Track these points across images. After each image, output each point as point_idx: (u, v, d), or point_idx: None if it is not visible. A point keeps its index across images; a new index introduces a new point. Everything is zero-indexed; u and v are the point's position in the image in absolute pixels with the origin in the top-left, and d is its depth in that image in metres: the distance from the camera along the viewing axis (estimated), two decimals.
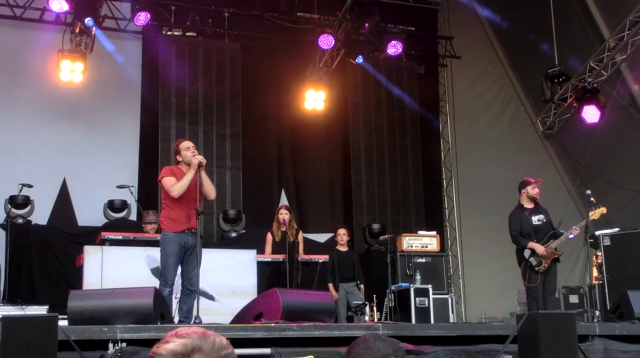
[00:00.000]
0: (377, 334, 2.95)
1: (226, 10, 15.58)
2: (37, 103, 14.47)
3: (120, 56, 14.83)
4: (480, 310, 16.20)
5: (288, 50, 16.36)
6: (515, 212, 10.70)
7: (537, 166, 16.92)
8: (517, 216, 10.63)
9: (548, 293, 10.41)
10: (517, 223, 10.55)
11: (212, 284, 10.50)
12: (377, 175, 16.59)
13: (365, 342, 2.87)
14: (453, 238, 17.15)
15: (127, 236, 11.00)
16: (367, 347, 2.84)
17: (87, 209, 14.20)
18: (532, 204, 10.66)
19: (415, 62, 17.34)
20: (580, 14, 15.76)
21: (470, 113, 17.75)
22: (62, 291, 11.46)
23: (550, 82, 15.47)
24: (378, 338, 2.88)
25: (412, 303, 12.84)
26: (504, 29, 17.35)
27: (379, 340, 2.87)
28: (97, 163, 14.53)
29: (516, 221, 10.58)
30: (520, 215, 10.60)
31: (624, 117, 15.73)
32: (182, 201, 8.38)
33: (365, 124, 16.75)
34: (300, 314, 7.50)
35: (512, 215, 10.71)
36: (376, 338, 2.88)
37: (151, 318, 6.53)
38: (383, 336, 2.92)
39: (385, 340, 2.88)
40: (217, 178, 14.83)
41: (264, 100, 16.20)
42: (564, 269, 15.44)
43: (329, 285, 11.92)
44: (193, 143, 8.81)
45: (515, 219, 10.62)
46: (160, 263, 8.49)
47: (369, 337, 2.90)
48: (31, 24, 14.57)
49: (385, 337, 2.92)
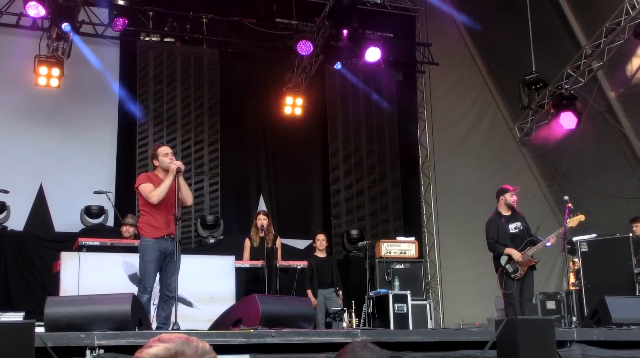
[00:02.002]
0: (364, 343, 2.93)
1: (204, 16, 15.54)
2: (13, 108, 14.38)
3: (97, 62, 14.74)
4: (458, 316, 16.23)
5: (266, 56, 16.36)
6: (492, 220, 10.65)
7: (515, 172, 17.02)
8: (495, 223, 10.58)
9: (525, 299, 10.41)
10: (494, 231, 10.51)
11: (190, 290, 10.46)
12: (356, 181, 16.63)
13: (353, 351, 2.86)
14: (431, 244, 17.19)
15: (105, 243, 10.94)
16: (354, 357, 2.84)
17: (64, 215, 14.12)
18: (510, 212, 10.62)
19: (394, 69, 17.38)
20: (557, 21, 15.87)
21: (448, 120, 17.82)
22: (38, 298, 11.40)
23: (528, 89, 15.56)
24: (365, 348, 2.87)
25: (391, 309, 12.86)
26: (481, 35, 17.44)
27: (366, 349, 2.86)
28: (74, 169, 14.46)
29: (493, 229, 10.54)
30: (497, 223, 10.55)
31: (601, 124, 15.86)
32: (161, 207, 8.34)
33: (343, 130, 16.79)
34: (279, 320, 7.48)
35: (489, 223, 10.66)
36: (364, 347, 2.87)
37: (129, 324, 6.49)
38: (370, 345, 2.91)
39: (373, 349, 2.87)
40: (195, 184, 14.81)
41: (242, 106, 16.20)
42: (541, 275, 15.50)
43: (308, 291, 11.92)
44: (171, 149, 8.78)
45: (493, 226, 10.57)
46: (139, 269, 8.43)
47: (356, 346, 2.89)
48: (8, 29, 14.46)
49: (372, 345, 2.91)
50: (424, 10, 17.58)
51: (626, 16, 14.20)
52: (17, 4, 13.87)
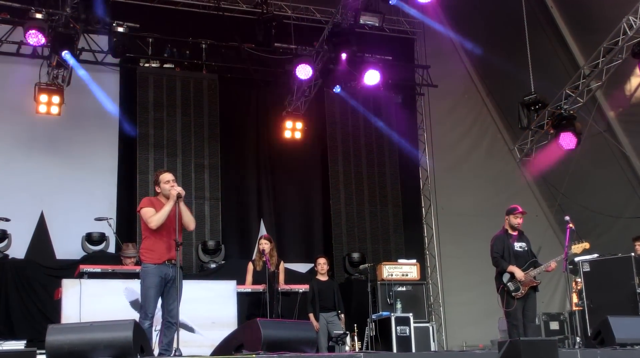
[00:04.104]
0: None
1: (203, 42, 15.60)
2: (14, 136, 14.41)
3: (98, 89, 14.77)
4: (461, 338, 16.18)
5: (266, 80, 16.40)
6: (499, 236, 10.73)
7: (515, 193, 17.01)
8: (501, 239, 10.66)
9: (528, 320, 10.41)
10: (499, 246, 10.59)
11: (192, 316, 10.43)
12: (356, 204, 16.63)
13: None
14: (433, 266, 17.16)
15: (106, 269, 10.90)
16: None
17: (65, 242, 14.10)
18: (517, 232, 10.71)
19: (393, 91, 17.42)
20: (555, 42, 15.93)
21: (448, 141, 17.84)
22: (40, 326, 11.36)
23: (527, 109, 15.55)
24: None
25: (393, 332, 12.82)
26: (480, 57, 17.48)
27: None
28: (75, 196, 14.46)
29: (499, 244, 10.61)
30: (503, 239, 10.64)
31: (601, 144, 15.87)
32: (162, 232, 8.32)
33: (343, 154, 16.81)
34: (281, 345, 7.46)
35: (495, 238, 10.73)
36: None
37: (131, 351, 6.47)
38: None
39: None
40: (196, 209, 14.79)
41: (242, 130, 16.22)
42: (544, 296, 15.48)
43: (310, 315, 11.88)
44: (173, 175, 8.77)
45: (499, 242, 10.65)
46: (141, 295, 8.39)
47: None
48: (8, 58, 14.51)
49: None
50: (422, 32, 17.67)
51: (624, 36, 14.24)
52: (18, 32, 13.92)
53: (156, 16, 15.52)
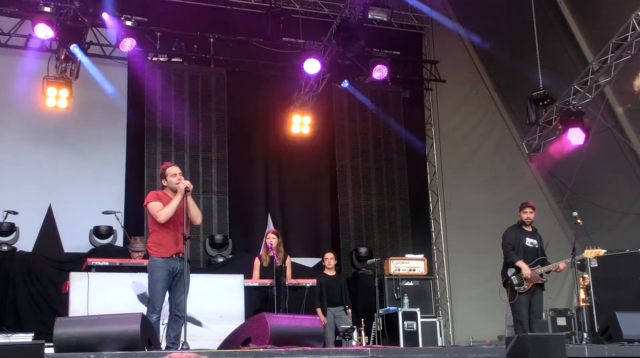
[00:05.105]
0: None
1: (211, 36, 15.61)
2: (22, 130, 14.43)
3: (106, 82, 14.78)
4: (468, 333, 16.16)
5: (274, 75, 16.36)
6: (513, 228, 10.85)
7: (523, 189, 16.98)
8: (513, 230, 10.77)
9: (535, 316, 10.44)
10: (511, 238, 10.70)
11: (199, 310, 10.43)
12: (364, 199, 16.60)
13: None
14: (440, 261, 17.15)
15: (114, 263, 10.93)
16: None
17: (73, 235, 14.13)
18: (531, 228, 10.76)
19: (401, 86, 17.41)
20: (564, 37, 15.87)
21: (456, 136, 17.80)
22: (47, 319, 11.40)
23: (535, 105, 15.53)
24: None
25: (400, 326, 12.83)
26: (488, 52, 17.43)
27: None
28: (82, 189, 14.48)
29: (511, 236, 10.73)
30: (516, 232, 10.73)
31: (609, 139, 15.83)
32: (170, 226, 8.34)
33: (351, 148, 16.78)
34: (288, 339, 7.47)
35: (509, 229, 10.86)
36: None
37: (138, 344, 6.49)
38: None
39: None
40: (204, 203, 14.80)
41: (250, 125, 16.23)
42: (551, 291, 15.46)
43: (317, 309, 11.90)
44: (179, 168, 8.77)
45: (511, 232, 10.78)
46: (148, 289, 8.42)
47: None
48: (16, 51, 14.54)
49: None
50: (431, 27, 17.64)
51: (633, 31, 14.18)
52: (26, 25, 13.95)
53: (164, 10, 15.51)
